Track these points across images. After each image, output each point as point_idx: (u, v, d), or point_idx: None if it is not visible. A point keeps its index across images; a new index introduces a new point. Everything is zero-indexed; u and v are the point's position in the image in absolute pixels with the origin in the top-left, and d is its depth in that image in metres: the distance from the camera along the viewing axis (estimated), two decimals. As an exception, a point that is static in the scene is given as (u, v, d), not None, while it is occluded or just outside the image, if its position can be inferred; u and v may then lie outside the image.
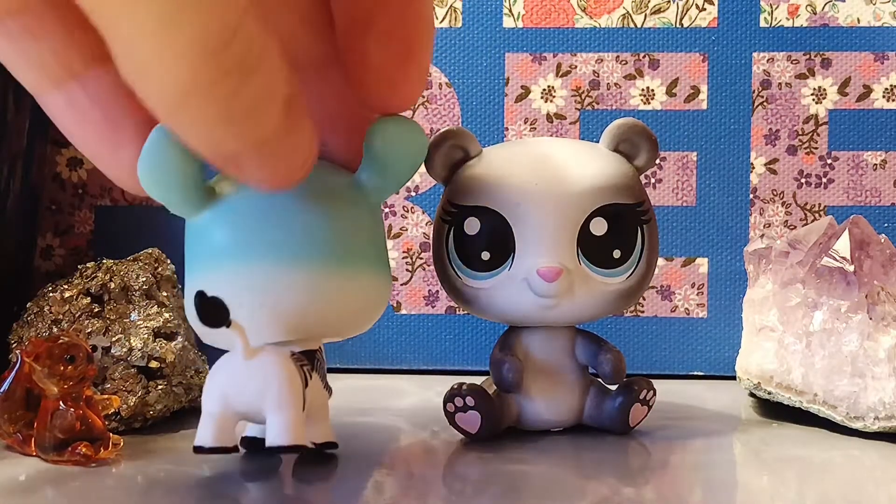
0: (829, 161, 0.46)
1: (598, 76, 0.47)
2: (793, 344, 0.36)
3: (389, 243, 0.47)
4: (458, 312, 0.47)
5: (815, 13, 0.46)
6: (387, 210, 0.47)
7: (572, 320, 0.33)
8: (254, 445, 0.29)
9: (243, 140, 0.20)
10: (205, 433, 0.27)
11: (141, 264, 0.37)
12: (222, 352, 0.26)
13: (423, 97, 0.47)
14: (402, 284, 0.47)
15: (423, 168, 0.33)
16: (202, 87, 0.18)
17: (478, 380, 0.34)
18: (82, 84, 0.22)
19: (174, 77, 0.18)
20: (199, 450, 0.26)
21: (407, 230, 0.47)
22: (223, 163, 0.21)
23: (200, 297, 0.25)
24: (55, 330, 0.35)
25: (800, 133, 0.46)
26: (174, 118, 0.19)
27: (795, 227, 0.46)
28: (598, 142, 0.34)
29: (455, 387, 0.32)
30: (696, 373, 0.46)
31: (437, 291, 0.47)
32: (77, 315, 0.35)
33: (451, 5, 0.47)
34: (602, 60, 0.47)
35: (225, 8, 0.18)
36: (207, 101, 0.18)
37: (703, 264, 0.47)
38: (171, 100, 0.18)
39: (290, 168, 0.22)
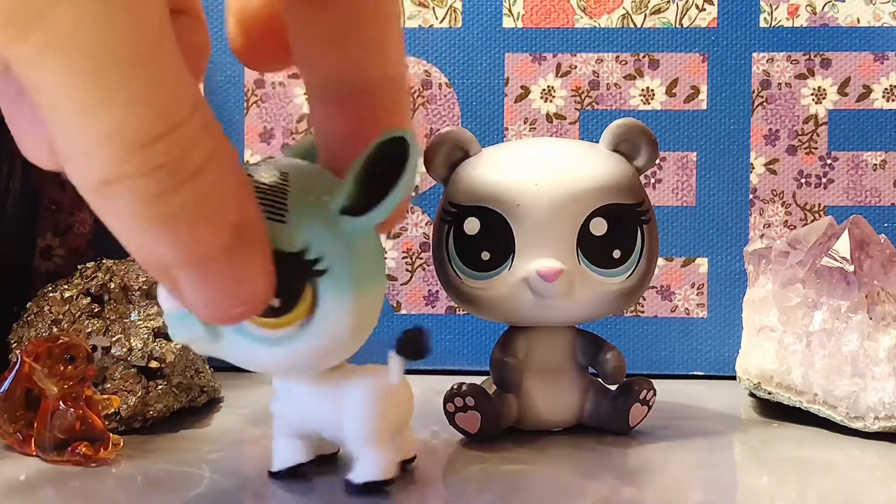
0: (828, 161, 0.46)
1: (597, 76, 0.47)
2: (793, 344, 0.36)
3: (389, 243, 0.47)
4: (458, 312, 0.47)
5: (814, 13, 0.46)
6: (387, 210, 0.47)
7: (572, 320, 0.33)
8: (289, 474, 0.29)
9: (176, 250, 0.18)
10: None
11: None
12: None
13: (423, 97, 0.47)
14: (402, 284, 0.47)
15: (423, 168, 0.33)
16: (125, 179, 0.17)
17: (478, 380, 0.34)
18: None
19: (95, 162, 0.17)
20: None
21: (407, 230, 0.47)
22: (157, 273, 0.20)
23: (420, 332, 0.26)
24: (55, 330, 0.35)
25: (800, 133, 0.46)
26: (99, 207, 0.18)
27: (795, 227, 0.46)
28: (598, 142, 0.34)
29: (455, 387, 0.32)
30: (696, 373, 0.46)
31: (437, 291, 0.47)
32: (77, 315, 0.35)
33: (451, 5, 0.47)
34: (602, 60, 0.47)
35: (161, 105, 0.17)
36: (131, 195, 0.17)
37: (703, 264, 0.46)
38: (94, 186, 0.17)
39: (231, 301, 0.20)
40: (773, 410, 0.37)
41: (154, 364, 0.34)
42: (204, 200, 0.18)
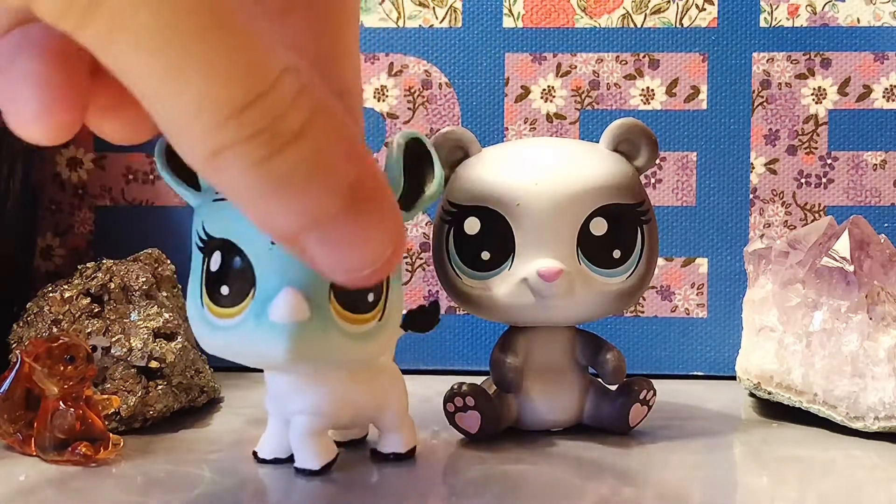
0: (829, 161, 0.46)
1: (598, 76, 0.47)
2: (793, 344, 0.36)
3: (389, 243, 0.47)
4: (458, 312, 0.47)
5: (815, 13, 0.46)
6: (387, 210, 0.47)
7: (572, 320, 0.33)
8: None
9: (295, 215, 0.19)
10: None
11: (141, 264, 0.37)
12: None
13: (423, 97, 0.47)
14: (402, 284, 0.47)
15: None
16: (230, 148, 0.17)
17: (478, 380, 0.34)
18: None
19: (194, 135, 0.17)
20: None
21: (407, 230, 0.47)
22: (286, 242, 0.20)
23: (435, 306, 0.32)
24: (55, 330, 0.35)
25: (800, 133, 0.46)
26: (214, 180, 0.18)
27: (795, 227, 0.46)
28: (598, 142, 0.34)
29: (455, 387, 0.32)
30: (696, 373, 0.46)
31: (437, 291, 0.47)
32: (77, 315, 0.35)
33: (451, 5, 0.47)
34: (602, 60, 0.47)
35: (244, 72, 0.17)
36: (238, 163, 0.17)
37: (703, 264, 0.46)
38: (202, 158, 0.18)
39: (363, 260, 0.20)
40: (773, 410, 0.37)
41: (154, 364, 0.34)
42: (312, 161, 0.18)
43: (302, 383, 0.27)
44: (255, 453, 0.30)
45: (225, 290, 0.25)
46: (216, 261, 0.25)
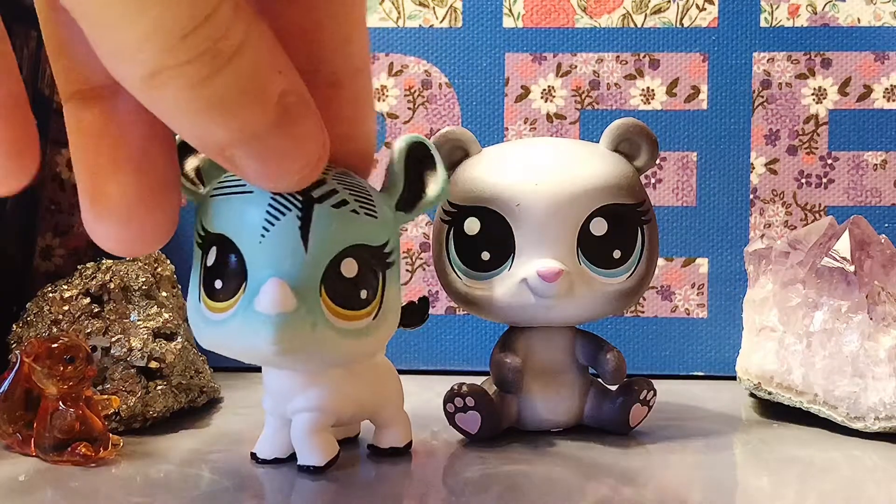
0: (829, 161, 0.46)
1: (598, 76, 0.47)
2: (793, 344, 0.36)
3: (389, 243, 0.47)
4: (458, 312, 0.47)
5: (815, 13, 0.46)
6: (387, 210, 0.47)
7: (572, 320, 0.33)
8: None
9: (228, 132, 0.19)
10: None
11: (141, 264, 0.37)
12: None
13: (423, 97, 0.47)
14: (402, 284, 0.47)
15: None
16: (172, 69, 0.18)
17: (478, 380, 0.34)
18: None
19: (141, 57, 0.18)
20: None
21: (407, 230, 0.47)
22: (215, 156, 0.20)
23: (424, 302, 0.33)
24: (55, 330, 0.35)
25: (800, 133, 0.46)
26: (151, 101, 0.19)
27: (796, 227, 0.46)
28: (598, 142, 0.34)
29: (455, 387, 0.32)
30: (696, 373, 0.46)
31: (437, 291, 0.47)
32: (77, 315, 0.35)
33: (451, 5, 0.47)
34: (602, 60, 0.47)
35: None
36: (180, 84, 0.18)
37: (703, 264, 0.46)
38: (141, 80, 0.18)
39: (289, 168, 0.21)
40: (774, 411, 0.37)
41: (154, 364, 0.34)
42: (247, 79, 0.19)
43: (303, 381, 0.27)
44: (253, 454, 0.30)
45: (219, 284, 0.25)
46: (212, 256, 0.25)
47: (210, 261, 0.25)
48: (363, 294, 0.25)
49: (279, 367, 0.27)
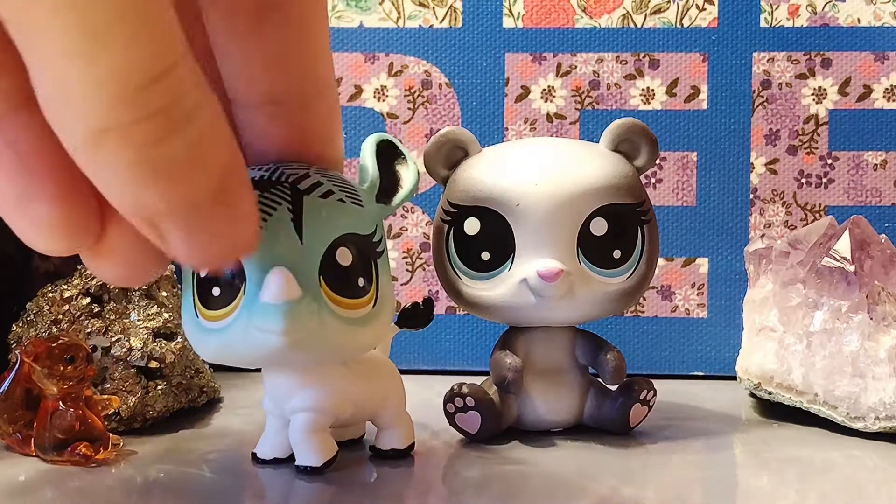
0: (829, 161, 0.46)
1: (598, 76, 0.47)
2: (793, 344, 0.36)
3: (389, 243, 0.47)
4: (458, 312, 0.47)
5: (815, 13, 0.46)
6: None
7: (572, 320, 0.33)
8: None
9: (165, 201, 0.18)
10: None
11: (141, 264, 0.37)
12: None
13: (423, 97, 0.47)
14: (402, 284, 0.47)
15: (422, 168, 0.33)
16: (121, 127, 0.16)
17: (478, 380, 0.34)
18: None
19: (90, 108, 0.16)
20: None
21: (407, 230, 0.47)
22: (142, 225, 0.19)
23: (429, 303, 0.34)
24: (55, 330, 0.35)
25: (800, 133, 0.46)
26: (87, 158, 0.17)
27: (796, 227, 0.46)
28: (598, 142, 0.34)
29: (455, 387, 0.32)
30: (696, 373, 0.46)
31: (437, 291, 0.47)
32: (77, 315, 0.35)
33: (451, 5, 0.47)
34: (602, 60, 0.47)
35: (157, 46, 0.16)
36: (126, 143, 0.17)
37: (703, 264, 0.46)
38: (85, 134, 0.17)
39: (217, 249, 0.20)
40: (774, 411, 0.37)
41: (154, 364, 0.34)
42: (197, 146, 0.18)
43: (302, 380, 0.27)
44: (254, 455, 0.30)
45: (216, 291, 0.24)
46: None
47: (203, 271, 0.25)
48: (360, 282, 0.25)
49: (285, 362, 0.27)
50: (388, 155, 0.28)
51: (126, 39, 0.16)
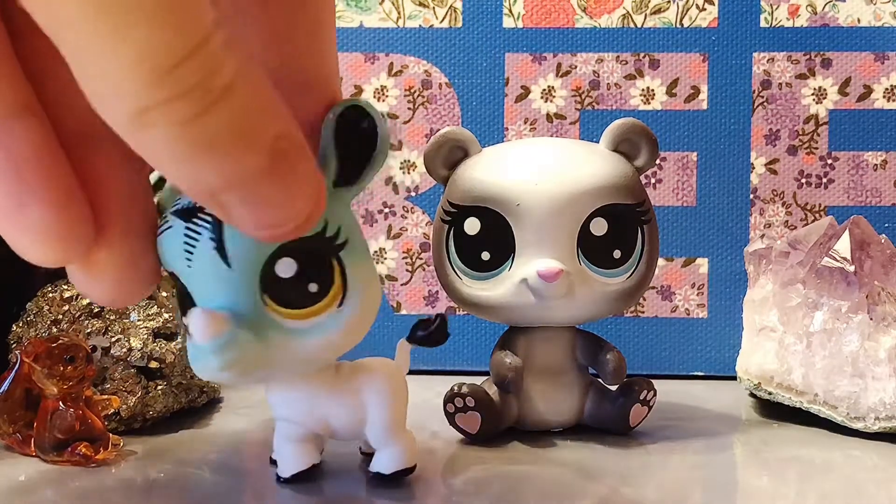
0: (829, 161, 0.46)
1: (598, 76, 0.47)
2: (793, 344, 0.36)
3: (389, 243, 0.47)
4: (458, 312, 0.47)
5: (815, 13, 0.46)
6: (387, 210, 0.47)
7: (572, 320, 0.33)
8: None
9: (220, 174, 0.18)
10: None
11: (141, 264, 0.37)
12: None
13: (423, 97, 0.47)
14: (402, 284, 0.47)
15: (422, 168, 0.33)
16: (161, 106, 0.17)
17: (478, 380, 0.34)
18: None
19: (127, 90, 0.17)
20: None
21: (407, 230, 0.47)
22: (207, 201, 0.19)
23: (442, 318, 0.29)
24: (55, 330, 0.35)
25: (800, 133, 0.46)
26: (138, 141, 0.18)
27: (796, 227, 0.46)
28: (598, 142, 0.34)
29: (455, 387, 0.32)
30: (696, 373, 0.46)
31: (437, 291, 0.47)
32: (77, 315, 0.35)
33: (451, 5, 0.47)
34: (602, 60, 0.47)
35: (185, 23, 0.16)
36: (168, 122, 0.17)
37: (703, 264, 0.46)
38: (128, 117, 0.17)
39: (283, 218, 0.20)
40: (774, 411, 0.37)
41: (154, 364, 0.34)
42: (239, 119, 0.18)
43: (278, 389, 0.27)
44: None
45: (182, 319, 0.24)
46: (176, 293, 0.25)
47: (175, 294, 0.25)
48: (312, 288, 0.24)
49: (248, 384, 0.26)
50: (353, 125, 0.24)
51: (152, 20, 0.16)
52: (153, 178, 0.26)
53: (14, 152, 0.19)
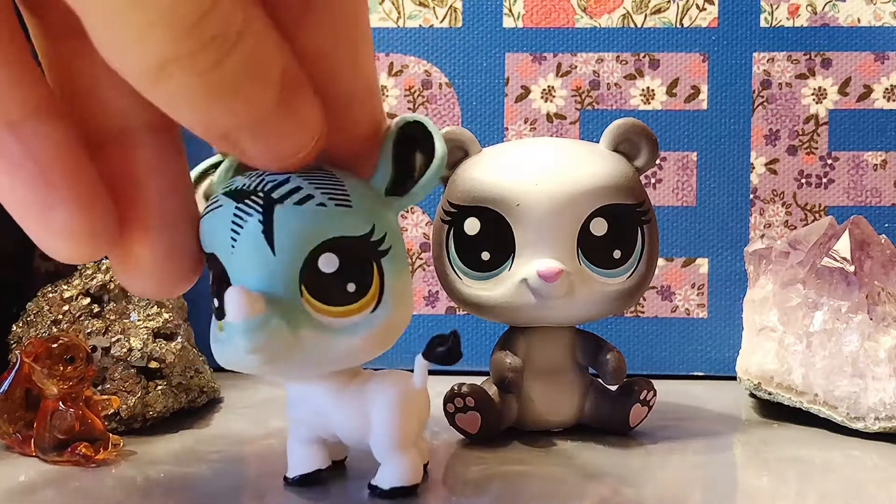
0: (829, 161, 0.46)
1: (598, 76, 0.47)
2: (793, 344, 0.36)
3: (389, 243, 0.47)
4: (458, 312, 0.47)
5: (815, 13, 0.46)
6: (387, 210, 0.47)
7: (572, 320, 0.33)
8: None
9: (234, 116, 0.19)
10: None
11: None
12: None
13: (423, 97, 0.47)
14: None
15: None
16: (181, 59, 0.17)
17: (478, 380, 0.34)
18: (17, 133, 0.20)
19: (149, 49, 0.17)
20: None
21: (407, 230, 0.47)
22: (219, 142, 0.20)
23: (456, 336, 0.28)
24: (55, 330, 0.35)
25: (800, 133, 0.46)
26: (156, 92, 0.18)
27: (796, 227, 0.46)
28: (598, 142, 0.34)
29: (455, 387, 0.32)
30: (696, 373, 0.46)
31: (437, 291, 0.47)
32: (77, 315, 0.35)
33: (451, 5, 0.47)
34: (602, 60, 0.47)
35: None
36: (188, 73, 0.18)
37: (703, 264, 0.46)
38: (149, 72, 0.18)
39: (293, 147, 0.21)
40: (774, 411, 0.37)
41: (154, 364, 0.34)
42: (251, 61, 0.18)
43: (296, 392, 0.27)
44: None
45: (216, 302, 0.24)
46: (211, 276, 0.24)
47: (210, 281, 0.24)
48: (350, 287, 0.24)
49: (271, 376, 0.26)
50: (414, 138, 0.25)
51: None
52: (201, 168, 0.26)
53: (39, 155, 0.20)
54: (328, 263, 0.24)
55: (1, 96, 0.20)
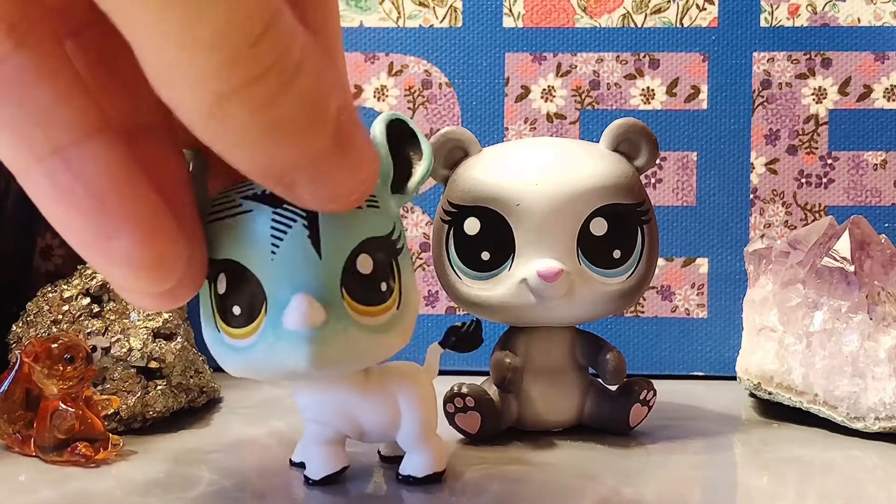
0: (829, 161, 0.46)
1: (598, 76, 0.47)
2: (793, 344, 0.36)
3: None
4: (458, 312, 0.47)
5: (815, 13, 0.46)
6: (387, 210, 0.47)
7: (572, 320, 0.33)
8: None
9: (293, 156, 0.18)
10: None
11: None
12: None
13: (423, 97, 0.47)
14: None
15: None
16: (238, 90, 0.16)
17: (478, 380, 0.34)
18: (65, 159, 0.18)
19: (207, 74, 0.16)
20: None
21: (407, 230, 0.47)
22: (273, 182, 0.19)
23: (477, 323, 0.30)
24: (55, 330, 0.35)
25: (800, 133, 0.46)
26: (210, 130, 0.17)
27: (796, 227, 0.46)
28: (598, 142, 0.34)
29: (455, 387, 0.32)
30: (696, 373, 0.46)
31: (437, 291, 0.47)
32: (77, 315, 0.35)
33: (451, 5, 0.47)
34: (602, 60, 0.47)
35: (254, 1, 0.16)
36: (246, 106, 0.16)
37: (703, 264, 0.46)
38: (205, 107, 0.16)
39: (348, 188, 0.20)
40: (774, 411, 0.37)
41: (154, 364, 0.34)
42: (309, 97, 0.17)
43: (308, 391, 0.27)
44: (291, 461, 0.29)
45: (237, 310, 0.24)
46: (222, 283, 0.24)
47: (221, 288, 0.24)
48: (383, 287, 0.24)
49: (310, 380, 0.26)
50: (399, 136, 0.25)
51: (219, 5, 0.15)
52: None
53: (88, 177, 0.18)
54: (365, 264, 0.24)
55: (46, 119, 0.18)
